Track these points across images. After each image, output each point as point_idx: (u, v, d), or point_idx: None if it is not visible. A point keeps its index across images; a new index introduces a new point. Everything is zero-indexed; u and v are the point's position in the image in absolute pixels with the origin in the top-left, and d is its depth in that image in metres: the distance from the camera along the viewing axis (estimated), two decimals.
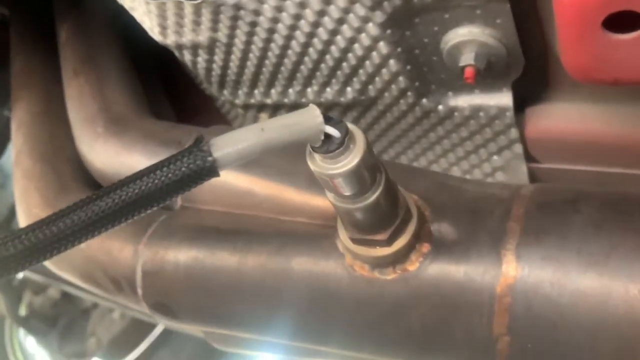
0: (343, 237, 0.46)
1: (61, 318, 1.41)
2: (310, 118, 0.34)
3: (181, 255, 0.56)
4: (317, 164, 0.37)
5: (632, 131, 0.56)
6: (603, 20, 0.36)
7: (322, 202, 0.53)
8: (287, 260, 0.51)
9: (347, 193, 0.39)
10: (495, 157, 0.65)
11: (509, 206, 0.46)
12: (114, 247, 0.61)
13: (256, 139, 0.32)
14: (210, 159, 0.32)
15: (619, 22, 0.37)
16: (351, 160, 0.36)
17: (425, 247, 0.46)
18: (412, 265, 0.46)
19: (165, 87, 0.91)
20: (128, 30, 0.75)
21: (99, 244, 0.62)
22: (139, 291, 0.58)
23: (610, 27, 0.37)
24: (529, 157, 0.63)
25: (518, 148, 0.62)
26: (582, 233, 0.41)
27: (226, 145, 0.32)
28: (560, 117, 0.58)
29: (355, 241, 0.45)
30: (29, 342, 1.49)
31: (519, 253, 0.43)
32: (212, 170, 0.32)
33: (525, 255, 0.42)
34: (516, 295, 0.42)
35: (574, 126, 0.57)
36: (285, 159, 0.54)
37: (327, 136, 0.35)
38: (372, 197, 0.40)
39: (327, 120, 0.35)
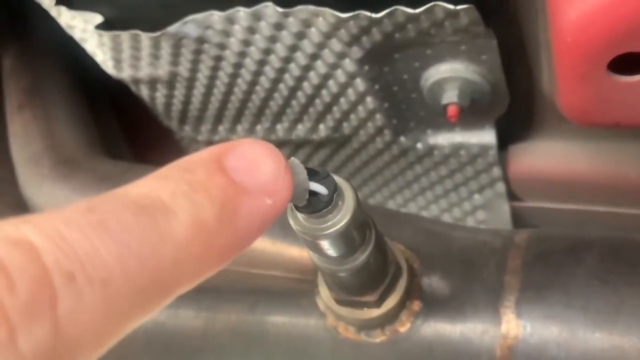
0: (325, 296, 0.41)
1: None
2: (293, 175, 0.29)
3: None
4: (301, 223, 0.32)
5: (617, 169, 0.54)
6: (609, 61, 0.33)
7: (298, 253, 0.48)
8: (260, 320, 0.45)
9: (334, 255, 0.34)
10: (476, 196, 0.62)
11: (503, 257, 0.42)
12: None
13: None
14: None
15: (622, 63, 0.34)
16: (340, 219, 0.32)
17: (417, 305, 0.42)
18: (403, 326, 0.41)
19: (117, 119, 0.84)
20: (77, 60, 0.68)
21: None
22: None
23: (614, 68, 0.34)
24: (511, 196, 0.60)
25: (500, 187, 0.59)
26: (587, 288, 0.38)
27: None
28: (544, 155, 0.55)
29: (340, 302, 0.40)
30: None
31: (520, 310, 0.39)
32: None
33: (526, 313, 0.39)
34: (518, 357, 0.38)
35: (559, 164, 0.55)
36: None
37: (313, 193, 0.30)
38: (362, 258, 0.35)
39: (312, 174, 0.30)
